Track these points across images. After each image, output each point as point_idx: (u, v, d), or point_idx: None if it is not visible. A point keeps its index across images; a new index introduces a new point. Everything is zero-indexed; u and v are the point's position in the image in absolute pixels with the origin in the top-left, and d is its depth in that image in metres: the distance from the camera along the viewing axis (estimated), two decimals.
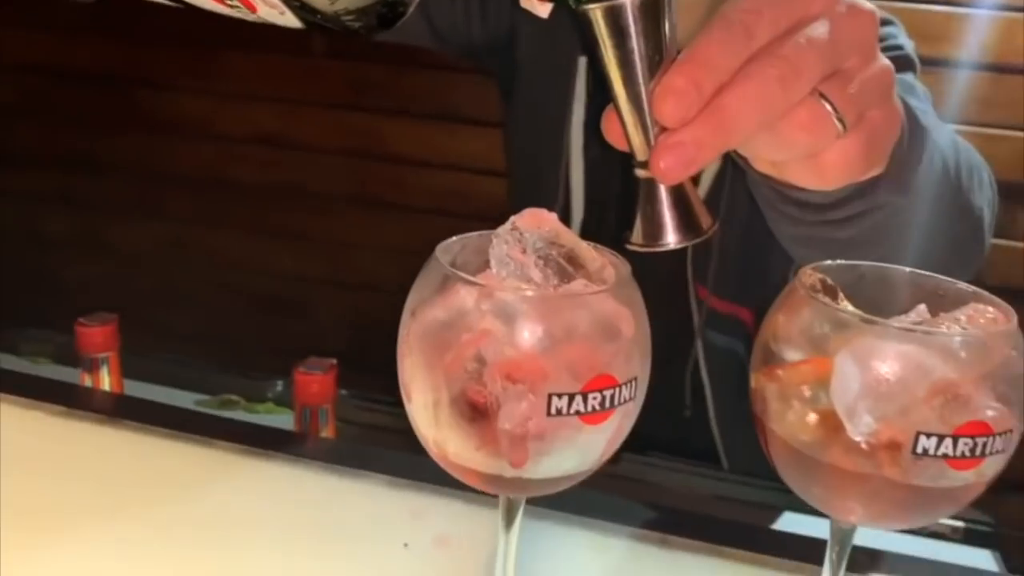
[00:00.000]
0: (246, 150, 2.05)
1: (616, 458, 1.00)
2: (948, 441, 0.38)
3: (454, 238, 0.45)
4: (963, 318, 0.42)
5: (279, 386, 1.05)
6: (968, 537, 1.06)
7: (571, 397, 0.38)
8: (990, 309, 0.42)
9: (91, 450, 0.71)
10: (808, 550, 0.63)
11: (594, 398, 0.39)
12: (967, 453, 0.38)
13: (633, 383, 0.40)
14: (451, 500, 0.66)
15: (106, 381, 0.82)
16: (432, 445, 0.42)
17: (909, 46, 0.88)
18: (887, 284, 0.47)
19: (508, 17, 0.99)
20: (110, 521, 0.62)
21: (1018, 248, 1.78)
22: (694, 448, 1.02)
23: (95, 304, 0.86)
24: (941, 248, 0.61)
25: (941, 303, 0.45)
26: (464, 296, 0.40)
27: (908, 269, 0.46)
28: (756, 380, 0.44)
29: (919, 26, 1.67)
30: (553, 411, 0.38)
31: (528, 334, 0.39)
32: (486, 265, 0.44)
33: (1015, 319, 0.41)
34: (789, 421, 0.42)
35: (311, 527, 0.63)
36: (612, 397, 0.39)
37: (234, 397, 1.01)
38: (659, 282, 1.04)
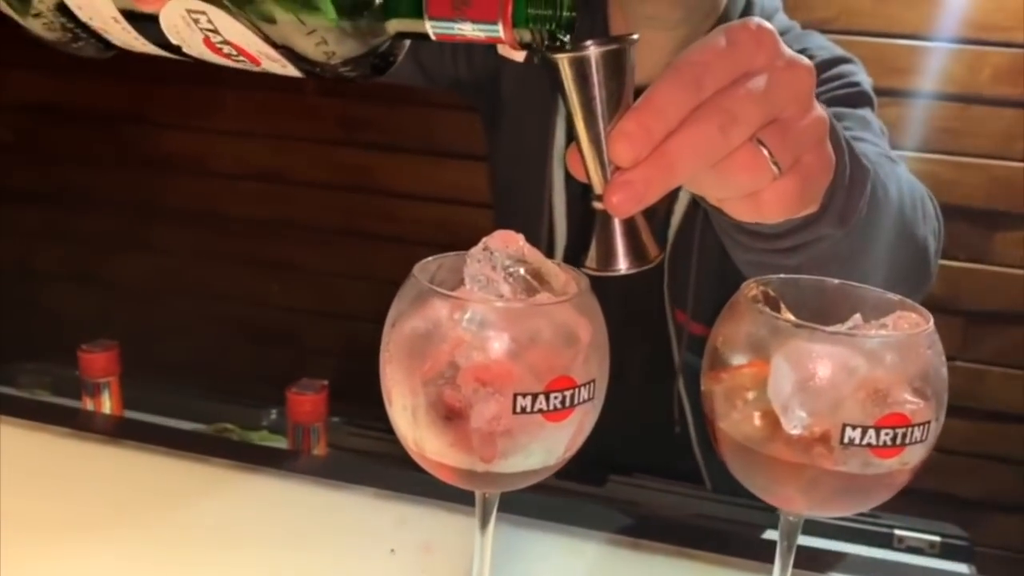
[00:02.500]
0: (239, 185, 2.10)
1: (603, 480, 1.04)
2: (871, 432, 0.43)
3: (431, 258, 0.49)
4: (889, 323, 0.47)
5: (273, 414, 1.09)
6: (945, 552, 1.11)
7: (534, 397, 0.43)
8: (912, 315, 0.47)
9: (94, 468, 0.75)
10: (766, 549, 0.67)
11: (555, 397, 0.43)
12: (889, 442, 0.43)
13: (592, 384, 0.45)
14: (435, 509, 0.70)
15: (107, 405, 0.86)
16: (411, 444, 0.46)
17: (867, 83, 0.94)
18: (825, 296, 0.51)
19: (493, 60, 1.05)
20: (113, 534, 0.66)
21: (990, 272, 1.84)
22: (679, 471, 1.05)
23: (90, 337, 0.90)
24: (888, 274, 0.66)
25: (873, 312, 0.49)
26: (439, 308, 0.45)
27: (839, 281, 0.51)
28: (705, 383, 0.49)
29: (888, 59, 1.74)
30: (518, 409, 0.43)
31: (496, 341, 0.43)
32: (461, 283, 0.49)
33: (932, 322, 0.46)
34: (734, 419, 0.47)
35: (303, 536, 0.67)
36: (572, 396, 0.44)
37: (229, 425, 1.04)
38: (640, 309, 1.09)
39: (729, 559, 0.68)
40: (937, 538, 1.13)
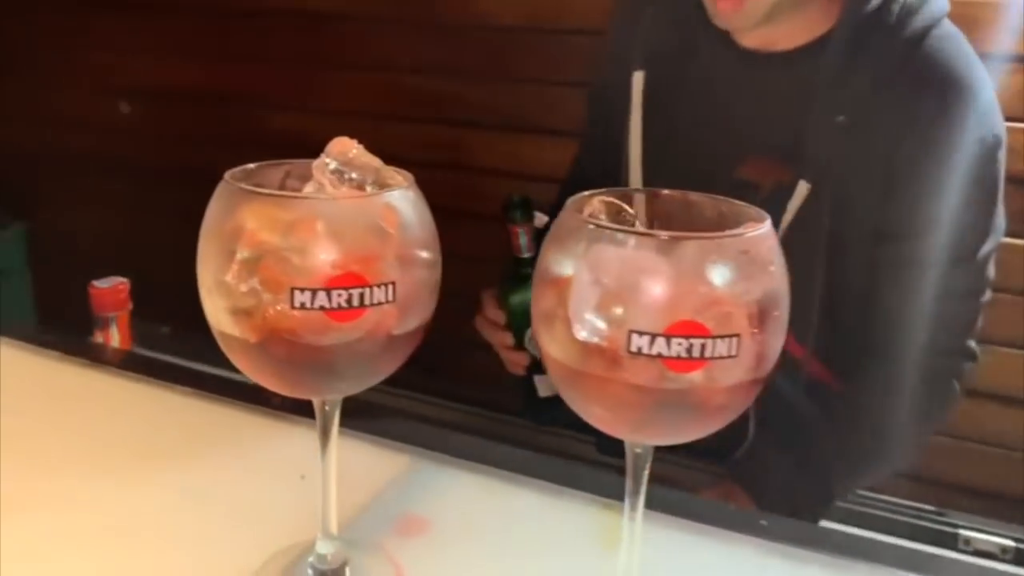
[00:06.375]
0: None
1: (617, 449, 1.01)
2: (661, 340, 0.38)
3: (273, 161, 0.49)
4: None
5: None
6: (1020, 558, 0.99)
7: (314, 292, 0.41)
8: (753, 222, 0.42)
9: (102, 400, 0.77)
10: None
11: (339, 295, 0.41)
12: (684, 355, 0.38)
13: (389, 287, 0.43)
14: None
15: (115, 338, 0.91)
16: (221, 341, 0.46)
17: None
18: (691, 210, 0.46)
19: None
20: (117, 464, 0.67)
21: None
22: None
23: None
24: None
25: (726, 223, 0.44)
26: (244, 209, 0.44)
27: (711, 197, 0.45)
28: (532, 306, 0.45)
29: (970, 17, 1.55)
30: (297, 305, 0.41)
31: (281, 233, 0.42)
32: None
33: (766, 224, 0.40)
34: (549, 338, 0.43)
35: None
36: (361, 296, 0.42)
37: None
38: None
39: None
40: (1011, 543, 1.02)
